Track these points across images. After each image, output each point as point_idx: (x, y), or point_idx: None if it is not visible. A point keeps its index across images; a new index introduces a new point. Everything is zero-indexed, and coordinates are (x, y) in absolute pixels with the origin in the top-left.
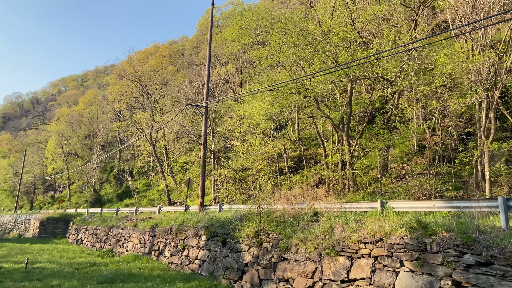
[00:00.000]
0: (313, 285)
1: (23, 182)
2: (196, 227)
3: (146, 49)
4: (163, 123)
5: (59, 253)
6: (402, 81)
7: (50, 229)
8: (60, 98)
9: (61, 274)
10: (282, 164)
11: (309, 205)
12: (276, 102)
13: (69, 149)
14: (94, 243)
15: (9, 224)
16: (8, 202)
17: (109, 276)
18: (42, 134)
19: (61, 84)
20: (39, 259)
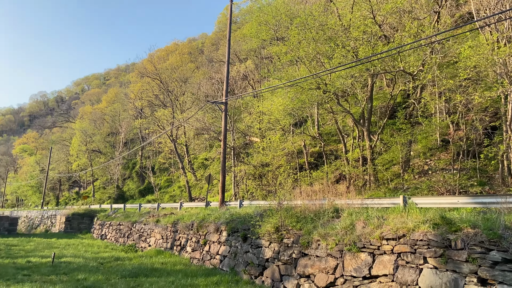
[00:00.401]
0: (335, 281)
1: (49, 179)
2: (217, 223)
3: (166, 47)
4: (184, 120)
5: (84, 248)
6: (424, 75)
7: (76, 224)
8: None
9: (86, 268)
10: (302, 160)
11: (330, 201)
12: (296, 97)
13: (93, 146)
14: (117, 238)
15: (36, 219)
16: (35, 198)
17: (132, 271)
18: (66, 132)
19: (84, 83)
20: (65, 254)
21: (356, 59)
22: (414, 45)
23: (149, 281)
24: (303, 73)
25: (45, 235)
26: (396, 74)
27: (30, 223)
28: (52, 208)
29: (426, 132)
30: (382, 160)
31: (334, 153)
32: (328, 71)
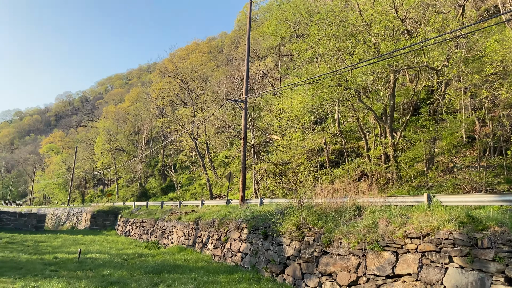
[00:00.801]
0: (357, 280)
1: (75, 177)
2: (237, 220)
3: (187, 46)
4: (204, 119)
5: (109, 244)
6: (449, 70)
7: (100, 221)
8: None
9: (111, 264)
10: (322, 158)
11: (351, 199)
12: (316, 95)
13: (116, 145)
14: (141, 235)
15: (62, 216)
16: (62, 196)
17: (155, 267)
18: (91, 131)
19: (108, 83)
20: (90, 250)
21: (377, 55)
22: (438, 39)
23: (172, 277)
24: (323, 70)
25: (71, 232)
26: (419, 70)
27: (57, 220)
28: (78, 206)
29: (451, 129)
30: (405, 157)
31: (355, 150)
32: (349, 68)
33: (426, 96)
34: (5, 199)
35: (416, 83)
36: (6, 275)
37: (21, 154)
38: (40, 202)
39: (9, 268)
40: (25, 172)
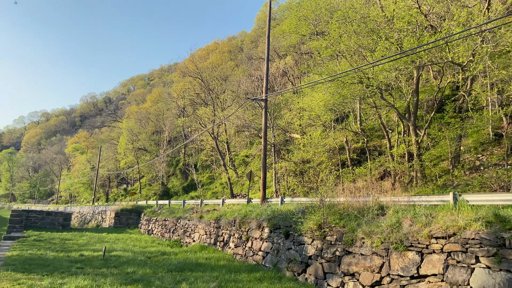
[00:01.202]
0: (381, 280)
1: (99, 176)
2: (258, 219)
3: (207, 46)
4: (224, 118)
5: (132, 243)
6: (475, 66)
7: (124, 219)
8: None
9: (135, 262)
10: (344, 156)
11: (374, 198)
12: (337, 92)
13: (139, 144)
14: (163, 233)
15: (88, 215)
16: (87, 195)
17: (178, 265)
18: (114, 131)
19: (130, 84)
20: (115, 248)
21: (400, 51)
22: (463, 34)
23: (194, 275)
24: (344, 67)
25: (96, 230)
26: (444, 66)
27: (82, 218)
28: (102, 204)
29: (477, 126)
30: (430, 155)
31: (377, 149)
32: (371, 65)
33: (451, 92)
34: (33, 198)
35: (441, 79)
36: (34, 272)
37: (47, 154)
38: (66, 200)
39: (37, 265)
40: (51, 171)
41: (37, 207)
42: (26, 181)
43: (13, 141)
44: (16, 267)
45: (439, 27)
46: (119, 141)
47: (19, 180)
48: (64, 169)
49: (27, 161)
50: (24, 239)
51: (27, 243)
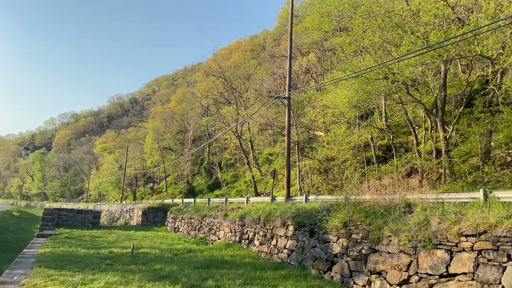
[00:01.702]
0: (408, 278)
1: (127, 175)
2: (283, 217)
3: (230, 45)
4: (247, 116)
5: (159, 240)
6: (505, 58)
7: (151, 217)
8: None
9: (162, 259)
10: (369, 154)
11: (401, 196)
12: (361, 89)
13: (164, 144)
14: (189, 231)
15: (116, 213)
16: (115, 194)
17: (204, 262)
18: (140, 131)
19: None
20: (142, 245)
21: (426, 45)
22: (492, 26)
23: (220, 272)
24: (369, 63)
25: (125, 228)
26: (472, 59)
27: (111, 216)
28: (130, 203)
29: (508, 120)
30: (459, 152)
31: (404, 145)
32: (396, 60)
33: (480, 86)
34: (63, 196)
35: (469, 73)
36: (66, 268)
37: (77, 154)
38: (96, 199)
39: (68, 261)
40: (81, 171)
41: (68, 205)
42: (57, 180)
43: (45, 142)
44: (48, 263)
45: (467, 19)
46: (145, 140)
47: (51, 179)
48: (93, 169)
49: (58, 161)
50: (56, 236)
51: (59, 241)
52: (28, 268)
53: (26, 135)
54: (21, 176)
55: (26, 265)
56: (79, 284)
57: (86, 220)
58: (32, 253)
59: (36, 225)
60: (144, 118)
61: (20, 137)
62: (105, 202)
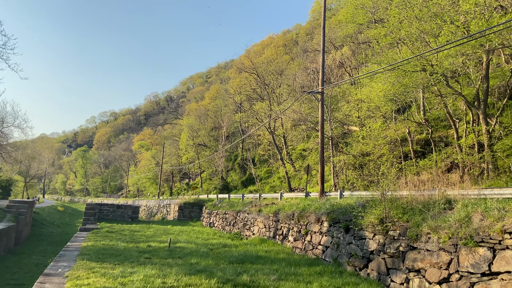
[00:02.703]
0: (448, 277)
1: (163, 171)
2: (317, 213)
3: (262, 41)
4: (280, 112)
5: (195, 235)
6: None
7: (187, 212)
8: (189, 95)
9: (198, 253)
10: (406, 148)
11: (440, 192)
12: (398, 82)
13: (199, 140)
14: (224, 226)
15: (154, 208)
16: (152, 189)
17: (238, 257)
18: (176, 128)
19: (189, 82)
20: (179, 239)
21: (467, 34)
22: None
23: (255, 267)
24: (405, 55)
25: (162, 222)
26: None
27: (149, 211)
28: (167, 198)
29: None
30: (503, 145)
31: (443, 139)
32: (435, 51)
33: None
34: (104, 192)
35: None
36: (107, 261)
37: (116, 151)
38: (134, 194)
39: (109, 255)
40: (120, 167)
41: (108, 200)
42: (98, 176)
43: (86, 139)
44: (90, 256)
45: (510, 7)
46: (181, 137)
47: (92, 175)
48: (132, 165)
49: (98, 158)
50: (97, 230)
51: (100, 234)
52: (71, 261)
53: (69, 133)
54: (64, 172)
55: (69, 258)
56: (119, 277)
57: (125, 215)
58: (76, 246)
59: (79, 219)
60: (179, 116)
61: (64, 135)
62: (143, 197)
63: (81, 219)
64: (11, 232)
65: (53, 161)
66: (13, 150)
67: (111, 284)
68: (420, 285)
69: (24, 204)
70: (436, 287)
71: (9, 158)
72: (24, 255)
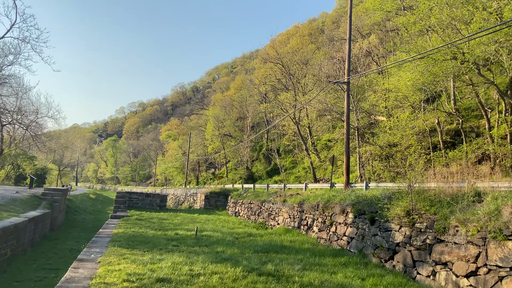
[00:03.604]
0: (476, 270)
1: (190, 161)
2: (342, 204)
3: (287, 30)
4: (306, 102)
5: (221, 224)
6: None
7: (213, 201)
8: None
9: (223, 242)
10: (435, 139)
11: (470, 184)
12: (427, 70)
13: (224, 130)
14: (249, 215)
15: (181, 197)
16: (179, 178)
17: (263, 246)
18: (202, 118)
19: (215, 73)
20: (205, 228)
21: (500, 21)
22: None
23: (279, 257)
24: (435, 43)
25: (189, 211)
26: None
27: (176, 200)
28: (193, 187)
29: None
30: None
31: (474, 130)
32: (467, 39)
33: None
34: (133, 180)
35: None
36: (137, 248)
37: (145, 141)
38: (162, 183)
39: (139, 242)
40: (148, 156)
41: (137, 189)
42: (127, 165)
43: (116, 129)
44: (121, 243)
45: None
46: (206, 127)
47: (122, 164)
48: (159, 155)
49: (127, 148)
50: (127, 218)
51: (130, 222)
52: (103, 247)
53: (100, 123)
54: (96, 161)
55: (101, 244)
56: (148, 263)
57: (154, 203)
58: (107, 233)
59: (110, 206)
60: (205, 106)
61: (95, 125)
62: (171, 186)
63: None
64: (46, 218)
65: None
66: (47, 140)
67: (141, 270)
68: (447, 278)
69: (58, 191)
70: (463, 280)
71: (43, 147)
72: (59, 241)
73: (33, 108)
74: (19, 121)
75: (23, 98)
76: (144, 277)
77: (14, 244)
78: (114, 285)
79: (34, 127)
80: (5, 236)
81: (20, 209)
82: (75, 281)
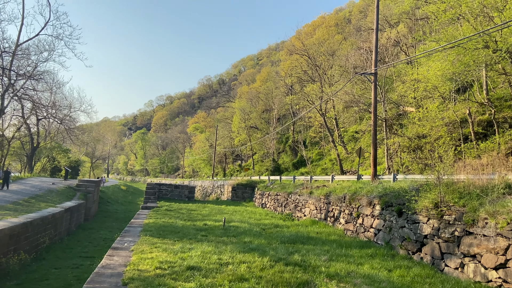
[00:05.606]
0: (505, 262)
1: (216, 153)
2: (369, 196)
3: (313, 21)
4: (332, 94)
5: (248, 215)
6: None
7: (240, 193)
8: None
9: (251, 232)
10: (466, 130)
11: (501, 176)
12: (458, 60)
13: (250, 123)
14: (276, 207)
15: (208, 188)
16: (207, 170)
17: (290, 237)
18: (228, 111)
19: (241, 65)
20: (233, 219)
21: None
22: None
23: (306, 248)
24: (466, 32)
25: (216, 202)
26: None
27: (204, 191)
28: (221, 179)
29: None
30: None
31: (508, 120)
32: (500, 26)
33: None
34: (162, 172)
35: None
36: (167, 237)
37: (172, 134)
38: (190, 175)
39: (169, 231)
40: (176, 149)
41: (166, 181)
42: (156, 157)
43: (145, 122)
44: (152, 232)
45: None
46: (233, 120)
47: (151, 157)
48: (187, 147)
49: (156, 140)
50: (157, 208)
51: (160, 212)
52: (135, 236)
53: (129, 117)
54: (126, 153)
55: (134, 234)
56: (179, 252)
57: (182, 194)
58: (138, 223)
59: (140, 197)
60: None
61: (124, 118)
62: (198, 178)
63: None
64: (81, 209)
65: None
66: (80, 133)
67: (172, 258)
68: (475, 270)
69: (92, 183)
70: (492, 272)
71: (76, 140)
72: (93, 230)
73: (66, 102)
74: (54, 115)
75: (57, 93)
76: (175, 265)
77: (51, 233)
78: (147, 272)
79: (67, 121)
80: (43, 225)
81: (56, 200)
82: (110, 268)
